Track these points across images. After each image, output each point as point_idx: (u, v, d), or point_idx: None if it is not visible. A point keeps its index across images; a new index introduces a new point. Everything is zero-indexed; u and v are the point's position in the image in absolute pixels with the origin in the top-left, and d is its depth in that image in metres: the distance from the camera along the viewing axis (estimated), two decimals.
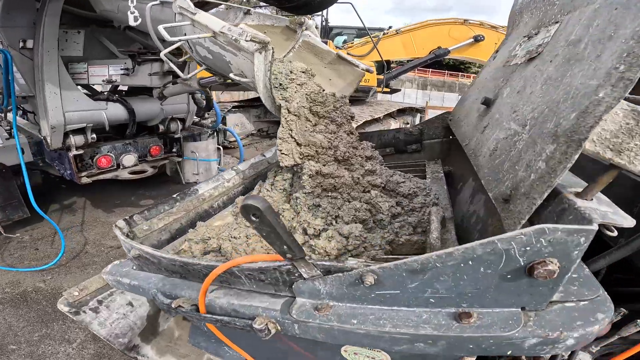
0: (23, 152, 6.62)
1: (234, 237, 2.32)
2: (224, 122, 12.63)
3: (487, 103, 2.13)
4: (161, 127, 7.39)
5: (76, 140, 6.10)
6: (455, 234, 2.01)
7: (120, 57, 5.72)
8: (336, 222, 1.97)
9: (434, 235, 1.68)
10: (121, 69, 5.53)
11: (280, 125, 2.36)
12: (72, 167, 6.22)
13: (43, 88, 5.28)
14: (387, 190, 2.33)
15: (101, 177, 6.89)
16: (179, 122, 7.60)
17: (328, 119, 2.50)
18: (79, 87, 6.03)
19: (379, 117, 11.42)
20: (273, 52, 2.34)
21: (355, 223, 1.91)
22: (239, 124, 12.28)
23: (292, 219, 2.07)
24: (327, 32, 14.76)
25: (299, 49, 3.24)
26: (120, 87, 7.91)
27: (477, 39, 11.78)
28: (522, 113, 1.60)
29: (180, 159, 8.17)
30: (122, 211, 9.10)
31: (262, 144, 13.14)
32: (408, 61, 13.86)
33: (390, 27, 13.84)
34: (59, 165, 6.79)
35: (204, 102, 7.07)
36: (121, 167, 7.15)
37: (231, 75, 2.53)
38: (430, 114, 16.43)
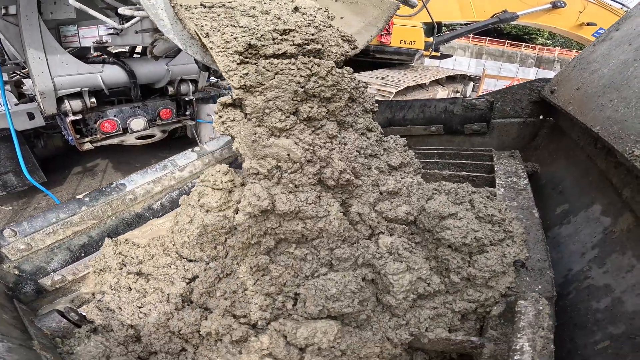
0: (33, 117, 6.30)
1: (154, 268, 1.37)
2: None
3: None
4: (170, 89, 6.63)
5: (73, 105, 5.52)
6: (552, 337, 0.87)
7: (111, 16, 4.94)
8: (294, 305, 0.96)
9: None
10: (109, 29, 4.73)
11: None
12: (70, 132, 5.66)
13: (26, 53, 4.78)
14: (420, 230, 1.21)
15: (106, 142, 6.33)
16: (190, 83, 6.78)
17: (321, 117, 1.35)
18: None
19: (424, 84, 9.82)
20: None
21: (328, 319, 0.87)
22: None
23: (220, 278, 1.07)
24: None
25: None
26: (138, 49, 7.30)
27: (556, 5, 10.06)
28: None
29: (193, 122, 7.41)
30: None
31: None
32: (463, 25, 12.14)
33: None
34: (64, 131, 6.32)
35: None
36: (129, 131, 6.53)
37: (120, 9, 1.47)
38: (486, 84, 14.19)
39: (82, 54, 6.10)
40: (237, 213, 1.38)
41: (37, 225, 1.52)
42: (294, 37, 1.29)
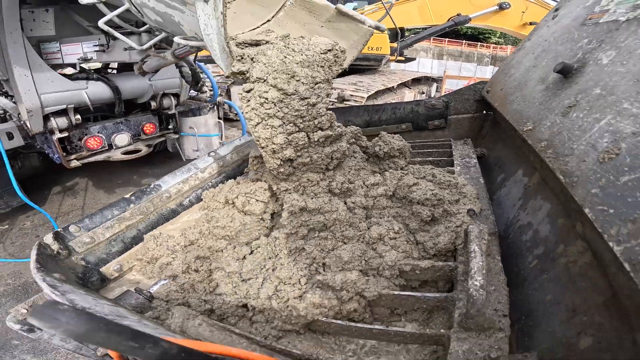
0: (13, 137, 6.22)
1: (210, 252, 1.75)
2: (229, 94, 11.95)
3: (566, 71, 1.46)
4: (153, 104, 6.81)
5: (59, 122, 5.61)
6: (500, 259, 1.39)
7: (95, 33, 5.09)
8: (324, 270, 1.47)
9: (477, 283, 1.07)
10: (95, 46, 4.90)
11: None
12: (57, 150, 5.74)
13: (11, 71, 4.82)
14: (398, 199, 1.73)
15: (92, 159, 6.44)
16: (172, 97, 7.00)
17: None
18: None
19: (393, 87, 10.54)
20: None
21: (349, 271, 1.38)
22: None
23: (266, 259, 1.52)
24: None
25: (292, 6, 2.50)
26: (112, 65, 7.38)
27: (502, 7, 10.72)
28: None
29: (177, 136, 7.63)
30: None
31: None
32: (424, 29, 12.93)
33: None
34: (48, 149, 6.34)
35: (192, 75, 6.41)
36: (114, 147, 6.66)
37: (176, 39, 1.86)
38: (448, 84, 15.24)
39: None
40: (270, 216, 1.86)
41: (97, 221, 1.83)
42: (335, 156, 1.83)
